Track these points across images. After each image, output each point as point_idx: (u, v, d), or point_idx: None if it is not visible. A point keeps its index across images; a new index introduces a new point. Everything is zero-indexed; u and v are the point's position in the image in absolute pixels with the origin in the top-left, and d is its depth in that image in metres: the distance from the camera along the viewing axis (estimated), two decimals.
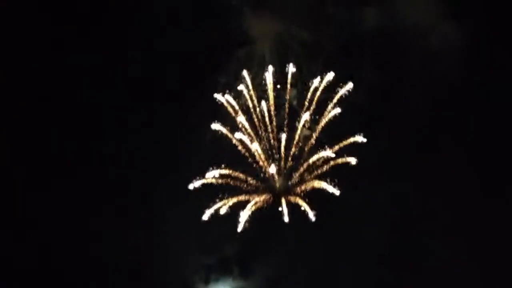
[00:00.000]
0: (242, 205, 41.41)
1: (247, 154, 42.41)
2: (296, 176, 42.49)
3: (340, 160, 41.46)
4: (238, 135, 41.98)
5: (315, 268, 41.53)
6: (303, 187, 42.08)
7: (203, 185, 41.57)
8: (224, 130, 42.06)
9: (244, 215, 41.14)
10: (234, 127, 42.37)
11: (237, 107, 42.52)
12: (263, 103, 42.32)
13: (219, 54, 43.55)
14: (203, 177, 41.52)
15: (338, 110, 41.96)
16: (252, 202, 41.61)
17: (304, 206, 41.27)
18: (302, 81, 42.62)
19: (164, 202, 42.28)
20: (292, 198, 41.83)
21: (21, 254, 41.11)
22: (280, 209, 41.67)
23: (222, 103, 42.66)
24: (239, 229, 41.06)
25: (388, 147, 41.99)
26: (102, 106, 43.25)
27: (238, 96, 42.80)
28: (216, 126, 42.04)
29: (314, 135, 42.22)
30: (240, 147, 42.28)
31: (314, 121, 42.33)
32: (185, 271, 42.03)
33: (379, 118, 42.86)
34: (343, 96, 42.14)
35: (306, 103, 42.38)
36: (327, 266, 41.40)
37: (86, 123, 43.32)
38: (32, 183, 41.94)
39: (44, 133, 42.74)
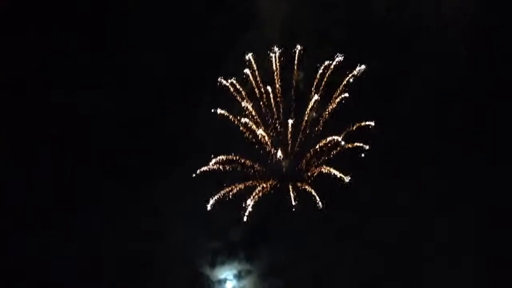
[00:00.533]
0: (248, 190, 40.90)
1: (253, 140, 41.88)
2: (303, 162, 41.86)
3: (348, 145, 40.82)
4: (243, 120, 41.50)
5: (319, 253, 40.73)
6: (309, 173, 41.48)
7: (210, 171, 41.17)
8: (230, 116, 41.61)
9: (250, 201, 40.52)
10: (240, 113, 41.93)
11: (243, 92, 41.97)
12: (269, 87, 41.81)
13: (225, 38, 43.26)
14: (209, 163, 41.09)
15: (346, 94, 41.44)
16: (259, 188, 40.96)
17: (311, 191, 40.59)
18: (309, 64, 42.03)
19: (172, 189, 41.56)
20: (299, 184, 41.14)
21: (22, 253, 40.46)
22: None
23: (229, 90, 42.15)
24: (245, 214, 40.38)
25: (397, 134, 41.21)
26: (107, 96, 42.86)
27: (244, 81, 42.30)
28: (221, 111, 41.51)
29: (321, 120, 41.65)
30: (246, 133, 41.78)
31: (322, 105, 41.71)
32: (192, 255, 41.47)
33: (387, 102, 42.09)
34: (353, 78, 41.68)
35: (314, 87, 41.73)
36: (330, 251, 40.59)
37: (91, 111, 42.88)
38: (32, 182, 41.16)
39: (44, 133, 42.19)
